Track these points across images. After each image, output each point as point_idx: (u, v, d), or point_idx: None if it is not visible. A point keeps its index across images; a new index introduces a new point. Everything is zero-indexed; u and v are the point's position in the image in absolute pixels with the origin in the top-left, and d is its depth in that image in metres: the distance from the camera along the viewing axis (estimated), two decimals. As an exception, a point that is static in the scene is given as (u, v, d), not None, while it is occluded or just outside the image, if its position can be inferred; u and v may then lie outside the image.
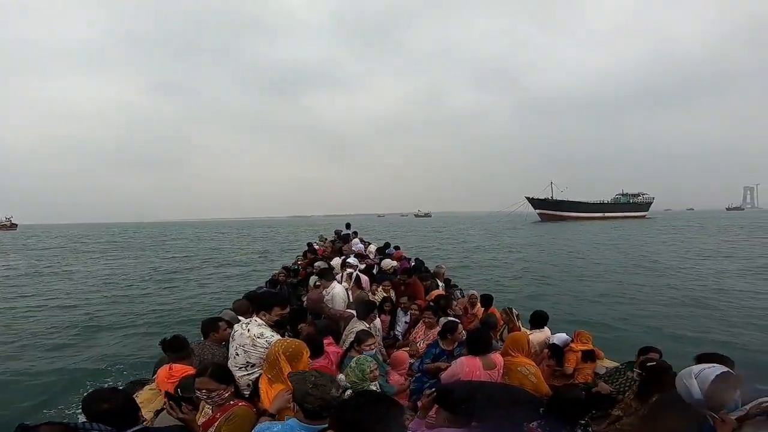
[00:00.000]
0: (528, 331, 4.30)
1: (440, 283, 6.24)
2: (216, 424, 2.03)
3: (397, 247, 8.53)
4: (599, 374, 3.74)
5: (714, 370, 1.85)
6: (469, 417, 2.02)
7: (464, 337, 3.51)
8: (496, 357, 2.99)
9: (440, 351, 3.57)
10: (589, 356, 3.84)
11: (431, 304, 4.65)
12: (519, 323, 4.57)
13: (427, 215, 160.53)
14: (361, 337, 3.37)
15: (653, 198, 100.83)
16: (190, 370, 2.73)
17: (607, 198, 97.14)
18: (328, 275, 5.06)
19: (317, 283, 5.21)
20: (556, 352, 3.91)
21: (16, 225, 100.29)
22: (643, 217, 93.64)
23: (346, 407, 1.40)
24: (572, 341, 3.97)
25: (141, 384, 3.80)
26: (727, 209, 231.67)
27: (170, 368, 2.87)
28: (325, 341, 3.44)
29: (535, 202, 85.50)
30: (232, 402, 2.12)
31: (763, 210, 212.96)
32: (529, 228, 55.44)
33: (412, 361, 3.87)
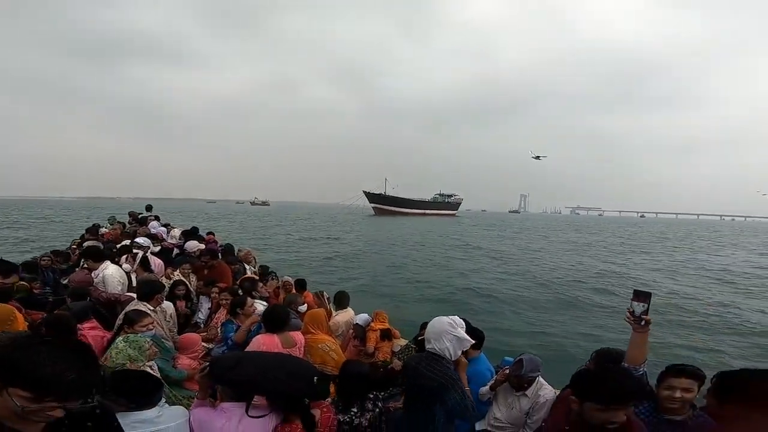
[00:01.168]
0: (333, 312, 4.41)
1: (249, 268, 6.00)
2: None
3: (210, 233, 7.87)
4: (395, 352, 4.00)
5: (455, 317, 2.15)
6: (239, 387, 1.89)
7: (258, 312, 3.47)
8: (296, 335, 2.95)
9: (238, 327, 3.46)
10: (386, 335, 4.04)
11: (235, 287, 4.43)
12: (330, 306, 4.62)
13: (264, 203, 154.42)
14: (133, 317, 2.88)
15: (462, 199, 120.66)
16: None
17: (428, 197, 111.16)
18: (96, 255, 4.22)
19: (84, 265, 4.30)
20: (359, 331, 4.03)
21: None
22: (454, 215, 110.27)
23: (5, 347, 1.05)
24: (372, 321, 4.12)
25: None
26: (509, 212, 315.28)
27: None
28: (86, 325, 2.93)
29: (371, 197, 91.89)
30: None
31: (532, 213, 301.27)
32: (365, 221, 58.60)
33: (211, 346, 3.62)
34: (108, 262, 4.18)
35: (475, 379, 2.71)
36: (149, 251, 5.43)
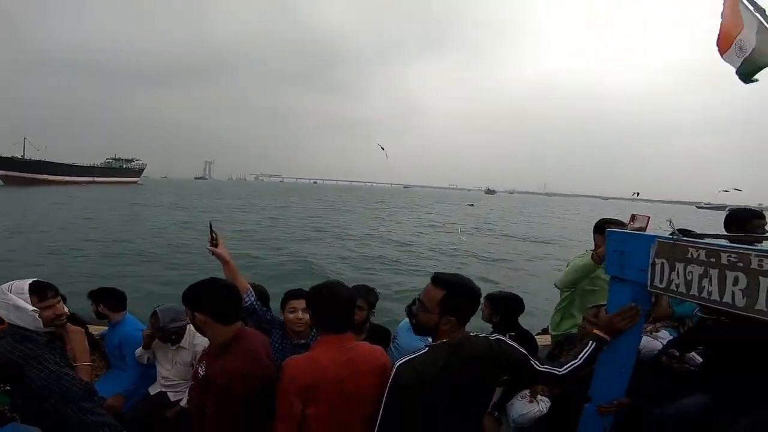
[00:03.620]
0: None
1: None
2: None
3: None
4: None
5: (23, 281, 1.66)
6: None
7: None
8: None
9: None
10: None
11: None
12: None
13: None
14: None
15: (145, 164, 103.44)
16: None
17: (98, 162, 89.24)
18: None
19: None
20: None
21: None
22: (135, 182, 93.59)
23: None
24: None
25: None
26: (195, 178, 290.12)
27: None
28: None
29: None
30: None
31: (218, 180, 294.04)
32: None
33: None
34: None
35: (127, 342, 2.64)
36: None
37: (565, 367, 1.50)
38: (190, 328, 2.46)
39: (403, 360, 1.39)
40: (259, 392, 1.51)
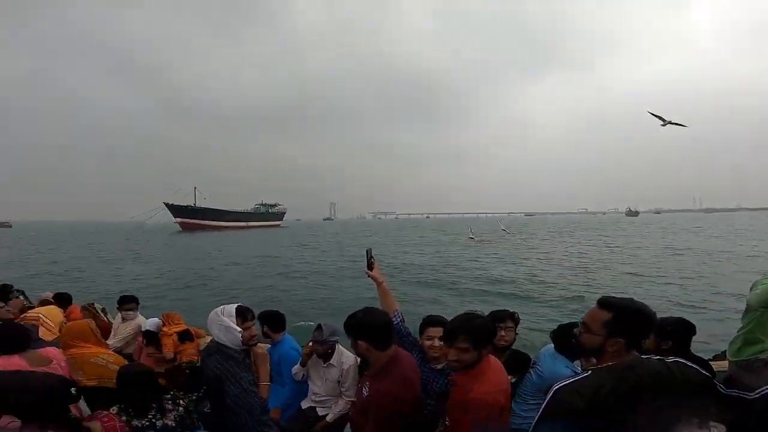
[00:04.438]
0: (114, 323, 4.04)
1: None
2: None
3: None
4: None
5: (231, 306, 2.04)
6: None
7: None
8: (49, 351, 2.44)
9: None
10: (186, 336, 3.75)
11: None
12: (106, 317, 4.18)
13: (5, 225, 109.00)
14: None
15: (286, 208, 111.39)
16: None
17: (248, 207, 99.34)
18: None
19: None
20: (151, 337, 3.70)
21: None
22: (278, 225, 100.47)
23: None
24: (164, 324, 3.78)
25: None
26: (324, 220, 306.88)
27: None
28: None
29: (176, 210, 74.63)
30: None
31: (343, 220, 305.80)
32: (171, 238, 48.98)
33: None
34: None
35: (285, 360, 2.92)
36: None
37: (757, 391, 1.32)
38: (339, 346, 2.74)
39: (564, 383, 1.35)
40: (408, 412, 1.64)
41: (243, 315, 2.00)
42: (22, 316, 3.89)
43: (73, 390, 1.68)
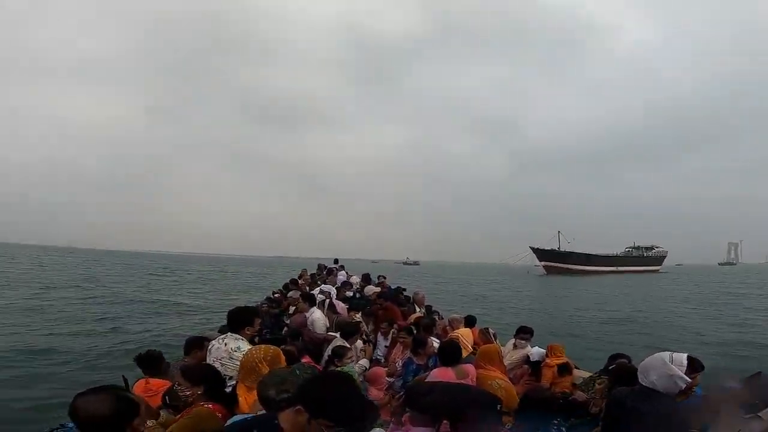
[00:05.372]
0: (503, 349, 4.47)
1: (418, 308, 6.41)
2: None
3: (383, 277, 8.99)
4: (576, 384, 3.85)
5: (680, 355, 1.97)
6: (432, 412, 2.19)
7: (435, 351, 3.76)
8: (468, 367, 3.15)
9: (416, 366, 3.77)
10: (564, 369, 3.90)
11: (411, 326, 4.81)
12: (497, 342, 4.65)
13: (415, 263, 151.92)
14: (340, 352, 3.54)
15: (666, 251, 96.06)
16: (168, 385, 2.75)
17: (617, 251, 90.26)
18: (310, 300, 5.39)
19: (298, 310, 5.57)
20: (533, 366, 3.98)
21: None
22: (657, 271, 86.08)
23: (313, 385, 1.47)
24: (547, 356, 4.01)
25: None
26: (719, 264, 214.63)
27: (147, 382, 2.95)
28: (303, 360, 3.51)
29: (541, 254, 77.30)
30: (201, 403, 2.15)
31: (749, 264, 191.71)
32: (536, 280, 51.33)
33: (391, 379, 4.03)
34: (315, 308, 5.23)
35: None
36: (334, 297, 6.49)
37: None
38: None
39: None
40: None
41: (693, 366, 1.95)
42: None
43: (498, 407, 2.05)
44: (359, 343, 4.53)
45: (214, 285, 29.52)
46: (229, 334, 3.02)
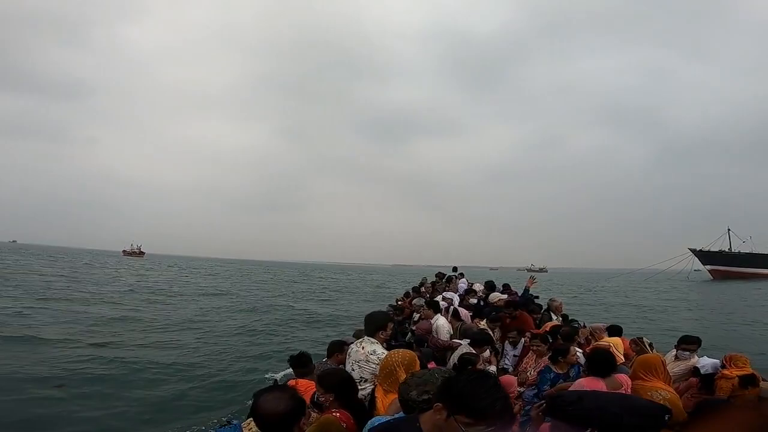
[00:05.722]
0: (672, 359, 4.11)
1: (554, 316, 6.02)
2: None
3: (507, 286, 8.54)
4: (762, 397, 3.41)
5: None
6: (580, 422, 2.04)
7: (579, 360, 3.58)
8: (622, 377, 2.92)
9: (555, 375, 3.59)
10: (749, 382, 3.38)
11: (546, 334, 4.53)
12: (652, 351, 4.24)
13: (542, 270, 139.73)
14: (471, 359, 3.54)
15: None
16: (313, 385, 2.91)
17: None
18: (435, 307, 5.32)
19: (422, 317, 5.54)
20: (705, 378, 3.56)
21: (144, 253, 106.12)
22: None
23: (456, 381, 1.47)
24: (725, 367, 3.55)
25: None
26: None
27: (296, 383, 3.16)
28: (429, 366, 3.52)
29: (705, 256, 64.80)
30: (333, 410, 2.25)
31: None
32: (703, 287, 44.08)
33: (521, 389, 3.87)
34: (439, 315, 5.16)
35: None
36: (456, 304, 6.42)
37: None
38: None
39: None
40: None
41: None
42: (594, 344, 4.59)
43: (667, 417, 1.85)
44: (486, 353, 4.36)
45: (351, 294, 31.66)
46: (365, 337, 3.20)
